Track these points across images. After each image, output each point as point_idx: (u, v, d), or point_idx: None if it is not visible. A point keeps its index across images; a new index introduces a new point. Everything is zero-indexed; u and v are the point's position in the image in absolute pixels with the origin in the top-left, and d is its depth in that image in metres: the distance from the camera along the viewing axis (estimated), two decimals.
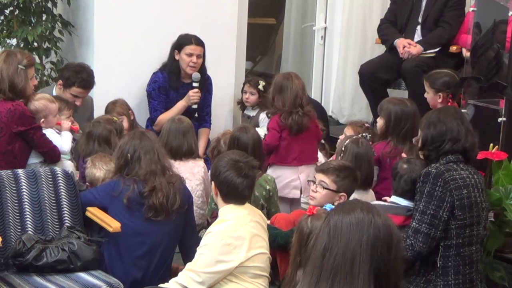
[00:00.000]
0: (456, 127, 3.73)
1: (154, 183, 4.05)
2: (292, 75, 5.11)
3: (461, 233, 3.59)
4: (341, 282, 2.09)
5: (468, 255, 3.62)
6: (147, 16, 6.01)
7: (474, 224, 3.63)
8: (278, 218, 4.25)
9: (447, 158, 3.70)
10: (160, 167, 4.11)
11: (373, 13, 7.28)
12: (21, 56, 4.74)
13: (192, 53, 5.82)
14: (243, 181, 3.78)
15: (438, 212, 3.56)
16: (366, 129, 5.27)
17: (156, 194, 4.04)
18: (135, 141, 4.13)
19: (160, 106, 5.87)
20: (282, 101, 5.00)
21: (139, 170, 4.08)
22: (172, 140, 4.94)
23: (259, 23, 8.29)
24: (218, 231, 3.71)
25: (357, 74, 6.52)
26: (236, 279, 3.72)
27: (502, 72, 4.78)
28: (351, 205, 2.21)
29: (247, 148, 4.63)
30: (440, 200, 3.57)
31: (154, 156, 4.11)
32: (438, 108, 4.14)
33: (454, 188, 3.57)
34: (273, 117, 5.12)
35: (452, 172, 3.61)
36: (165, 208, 4.05)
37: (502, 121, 4.68)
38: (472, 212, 3.61)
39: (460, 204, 3.57)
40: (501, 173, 4.14)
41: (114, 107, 5.55)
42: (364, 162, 4.53)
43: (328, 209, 3.56)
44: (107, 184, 4.21)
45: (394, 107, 4.89)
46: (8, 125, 4.58)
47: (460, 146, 3.71)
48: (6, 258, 3.88)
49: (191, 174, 4.92)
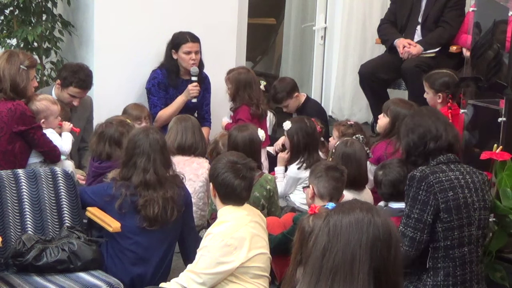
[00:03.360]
0: (434, 125, 3.71)
1: (147, 196, 3.99)
2: (248, 69, 5.75)
3: (449, 235, 3.54)
4: (340, 282, 2.09)
5: (459, 256, 3.56)
6: (147, 16, 6.01)
7: (464, 225, 3.57)
8: (269, 221, 4.19)
9: (437, 159, 3.66)
10: (156, 178, 4.01)
11: (373, 13, 7.29)
12: (23, 56, 4.76)
13: (190, 50, 5.85)
14: (241, 182, 3.78)
15: (422, 216, 3.52)
16: (350, 126, 5.30)
17: (151, 207, 3.98)
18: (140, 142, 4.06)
19: (159, 102, 5.88)
20: (249, 94, 5.60)
21: (133, 177, 4.02)
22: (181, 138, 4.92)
23: (259, 23, 8.29)
24: (218, 233, 3.71)
25: (357, 74, 6.53)
26: (237, 280, 3.72)
27: (502, 72, 4.77)
28: (350, 205, 2.21)
29: (242, 147, 4.63)
30: (423, 203, 3.53)
31: (149, 164, 4.01)
32: (411, 114, 4.07)
33: (439, 191, 3.52)
34: (240, 108, 5.63)
35: (438, 174, 3.56)
36: (162, 219, 4.00)
37: (502, 121, 4.68)
38: (461, 214, 3.55)
39: (445, 207, 3.52)
40: (505, 173, 4.12)
41: (132, 110, 5.57)
42: (352, 162, 4.52)
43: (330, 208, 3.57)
44: (100, 187, 4.20)
45: (403, 110, 4.91)
46: (8, 125, 4.58)
47: (444, 142, 3.68)
48: (6, 258, 3.87)
49: (195, 176, 4.90)
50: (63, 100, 5.28)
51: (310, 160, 5.00)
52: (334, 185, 4.08)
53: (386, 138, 5.00)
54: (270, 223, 4.23)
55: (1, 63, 4.64)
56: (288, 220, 4.29)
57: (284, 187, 5.05)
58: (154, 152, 4.04)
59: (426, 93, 5.37)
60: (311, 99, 6.42)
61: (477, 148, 4.77)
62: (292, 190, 5.08)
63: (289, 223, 4.22)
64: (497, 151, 4.15)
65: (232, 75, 5.68)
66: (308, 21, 7.66)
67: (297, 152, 5.07)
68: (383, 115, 5.08)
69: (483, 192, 3.68)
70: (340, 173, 4.15)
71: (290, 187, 5.06)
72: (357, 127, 5.38)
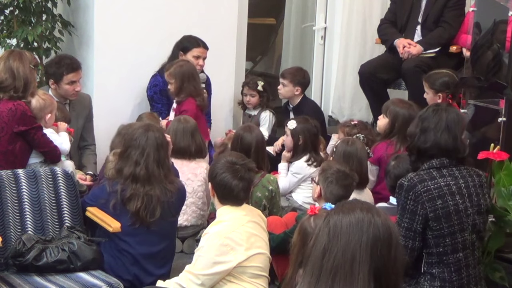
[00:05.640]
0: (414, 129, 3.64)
1: (133, 190, 3.98)
2: (187, 61, 5.73)
3: (440, 242, 3.50)
4: (341, 282, 2.09)
5: (453, 262, 3.52)
6: (147, 16, 6.00)
7: (456, 232, 3.51)
8: (270, 221, 4.20)
9: (429, 163, 3.57)
10: (145, 173, 4.00)
11: (373, 13, 7.28)
12: (30, 56, 4.79)
13: (200, 55, 5.87)
14: (239, 183, 3.78)
15: (412, 225, 3.48)
16: (354, 126, 5.30)
17: (134, 201, 3.98)
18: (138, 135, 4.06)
19: (164, 108, 5.86)
20: (194, 85, 5.60)
21: (125, 169, 4.02)
22: (180, 140, 4.92)
23: (259, 23, 8.28)
24: (214, 232, 3.72)
25: (357, 74, 6.52)
26: (235, 279, 3.73)
27: (502, 72, 4.77)
28: (350, 205, 2.20)
29: (250, 147, 4.64)
30: (412, 213, 3.48)
31: (142, 158, 4.01)
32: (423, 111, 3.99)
33: (427, 200, 3.46)
34: (186, 100, 5.57)
35: (426, 183, 3.49)
36: (142, 216, 3.99)
37: (502, 121, 4.68)
38: (452, 221, 3.49)
39: (434, 216, 3.47)
40: (503, 173, 4.11)
41: (147, 120, 5.57)
42: (354, 161, 4.52)
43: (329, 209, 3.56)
44: (98, 189, 4.22)
45: (402, 110, 4.90)
46: (9, 125, 4.58)
47: (433, 146, 3.56)
48: (6, 258, 3.88)
49: (193, 175, 4.91)
50: (66, 95, 5.28)
51: (316, 158, 5.03)
52: (343, 194, 4.06)
53: (387, 139, 5.00)
54: (272, 222, 4.24)
55: (15, 62, 4.62)
56: (290, 219, 4.29)
57: (288, 184, 5.06)
58: (149, 147, 4.04)
59: (426, 93, 5.37)
60: (308, 99, 6.43)
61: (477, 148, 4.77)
62: (295, 187, 5.09)
63: (291, 222, 4.22)
64: (494, 151, 4.15)
65: (174, 69, 5.58)
66: (308, 21, 7.66)
67: (303, 150, 5.07)
68: (382, 115, 5.09)
69: (478, 197, 3.61)
70: (350, 181, 4.13)
71: (296, 183, 5.05)
72: (361, 126, 5.38)
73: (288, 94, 6.17)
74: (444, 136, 3.57)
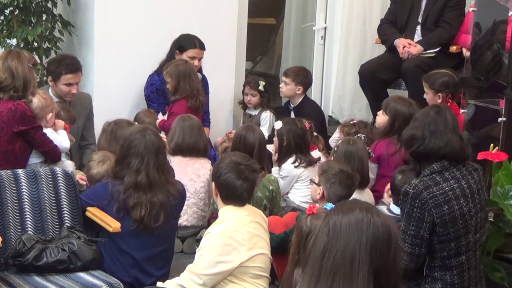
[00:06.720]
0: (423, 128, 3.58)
1: (136, 199, 3.97)
2: (185, 60, 5.67)
3: (445, 246, 3.48)
4: (340, 282, 2.09)
5: (456, 265, 3.51)
6: (147, 16, 6.01)
7: (461, 236, 3.50)
8: (271, 221, 4.20)
9: (430, 168, 3.53)
10: (147, 181, 3.99)
11: (373, 13, 7.28)
12: (28, 55, 4.78)
13: (195, 56, 5.86)
14: (242, 184, 3.78)
15: (418, 232, 3.45)
16: (353, 125, 5.30)
17: (139, 209, 3.97)
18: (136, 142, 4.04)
19: (160, 108, 5.86)
20: (190, 84, 5.55)
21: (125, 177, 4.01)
22: (188, 138, 4.91)
23: (259, 23, 8.28)
24: (217, 232, 3.72)
25: (357, 74, 6.52)
26: (236, 280, 3.73)
27: (502, 72, 4.77)
28: (350, 205, 2.20)
29: (253, 147, 4.63)
30: (419, 221, 3.44)
31: (142, 166, 3.99)
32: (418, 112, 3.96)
33: (433, 207, 3.43)
34: (178, 102, 5.56)
35: (431, 189, 3.45)
36: (147, 223, 3.99)
37: (502, 121, 4.68)
38: (457, 226, 3.48)
39: (441, 222, 3.44)
40: (501, 173, 4.12)
41: (145, 117, 5.57)
42: (355, 160, 4.52)
43: (328, 208, 3.56)
44: (99, 187, 4.19)
45: (403, 109, 4.90)
46: (9, 125, 4.57)
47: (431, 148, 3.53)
48: (6, 258, 3.88)
49: (196, 176, 4.90)
50: (61, 95, 5.27)
51: (304, 159, 5.01)
52: (345, 194, 4.05)
53: (386, 137, 5.00)
54: (272, 222, 4.23)
55: (13, 62, 4.61)
56: (291, 219, 4.29)
57: (281, 187, 5.06)
58: (148, 154, 4.01)
59: (426, 93, 5.37)
60: (309, 99, 6.43)
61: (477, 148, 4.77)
62: (289, 189, 5.08)
63: (291, 222, 4.21)
64: (493, 152, 4.15)
65: (171, 68, 5.60)
66: (308, 21, 7.66)
67: (288, 151, 5.06)
68: (382, 112, 5.06)
69: (479, 193, 3.60)
70: (352, 181, 4.13)
71: (287, 185, 5.05)
72: (360, 125, 5.39)
73: (289, 93, 6.18)
74: (454, 136, 3.57)
